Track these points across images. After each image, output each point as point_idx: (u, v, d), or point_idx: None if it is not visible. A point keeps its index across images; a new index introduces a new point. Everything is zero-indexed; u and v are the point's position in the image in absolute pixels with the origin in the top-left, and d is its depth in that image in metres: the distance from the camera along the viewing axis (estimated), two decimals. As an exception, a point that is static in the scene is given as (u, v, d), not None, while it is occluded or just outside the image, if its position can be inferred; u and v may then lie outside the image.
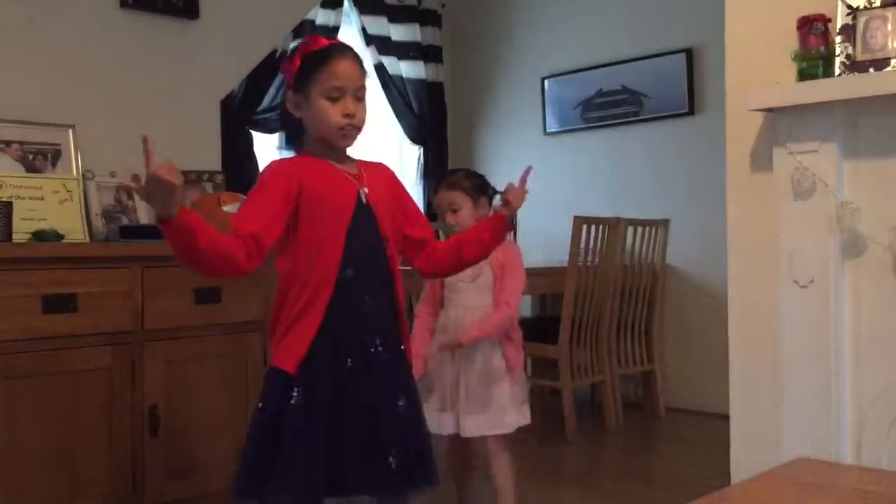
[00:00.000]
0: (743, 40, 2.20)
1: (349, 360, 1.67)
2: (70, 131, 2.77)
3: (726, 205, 2.23)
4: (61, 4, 2.86)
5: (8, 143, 2.64)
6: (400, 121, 5.05)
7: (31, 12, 2.80)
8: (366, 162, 1.82)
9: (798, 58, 2.01)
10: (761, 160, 2.14)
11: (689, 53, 4.39)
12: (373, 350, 1.69)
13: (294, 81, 1.72)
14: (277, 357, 1.69)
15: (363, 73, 1.74)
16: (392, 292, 1.75)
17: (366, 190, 1.73)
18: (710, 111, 4.29)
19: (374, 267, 1.72)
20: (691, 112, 4.40)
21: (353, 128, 1.71)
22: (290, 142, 2.03)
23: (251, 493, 1.65)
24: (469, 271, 2.16)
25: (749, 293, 2.17)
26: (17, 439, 2.21)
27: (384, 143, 5.19)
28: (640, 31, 4.60)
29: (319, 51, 1.70)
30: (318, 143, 1.74)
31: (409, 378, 1.81)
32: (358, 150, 1.81)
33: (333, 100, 1.68)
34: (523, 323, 4.46)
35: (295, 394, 1.64)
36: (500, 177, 5.48)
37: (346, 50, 1.74)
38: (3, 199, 2.41)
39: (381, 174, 1.83)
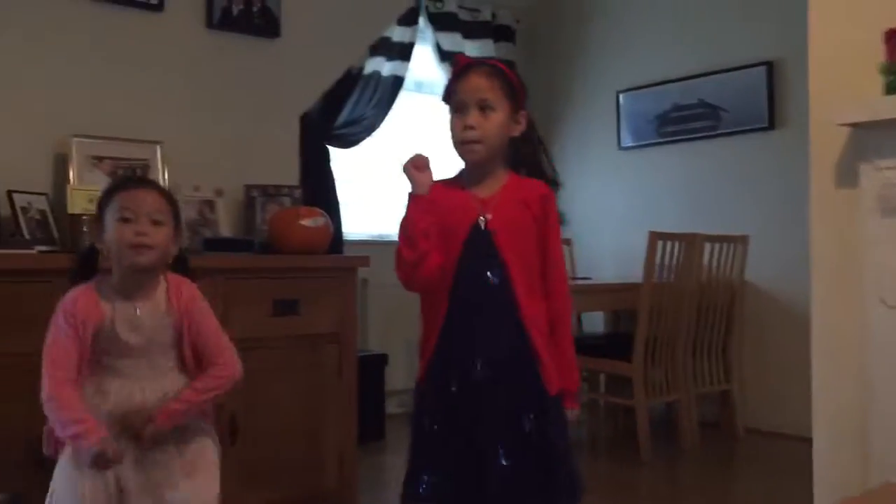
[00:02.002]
0: (827, 53, 2.15)
1: (453, 386, 1.71)
2: (158, 147, 2.87)
3: (809, 222, 2.17)
4: (152, 26, 2.98)
5: (100, 159, 2.76)
6: (473, 135, 5.07)
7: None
8: (517, 181, 1.79)
9: (885, 70, 1.95)
10: (847, 176, 2.08)
11: (769, 66, 4.29)
12: (476, 377, 1.69)
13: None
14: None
15: (496, 84, 1.72)
16: (512, 319, 1.71)
17: (488, 216, 1.73)
18: (791, 125, 4.19)
19: (487, 293, 1.71)
20: (772, 126, 4.31)
21: (473, 141, 1.71)
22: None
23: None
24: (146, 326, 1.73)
25: (834, 314, 2.11)
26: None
27: (457, 156, 5.21)
28: (717, 44, 4.53)
29: (457, 70, 1.77)
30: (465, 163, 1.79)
31: (532, 407, 1.72)
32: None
33: (458, 111, 1.73)
34: (595, 338, 4.45)
35: (420, 401, 1.77)
36: (575, 192, 5.51)
37: (479, 65, 1.77)
38: (94, 213, 2.51)
39: (520, 195, 1.77)
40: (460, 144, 1.73)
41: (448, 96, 1.78)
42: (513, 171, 1.81)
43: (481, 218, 1.73)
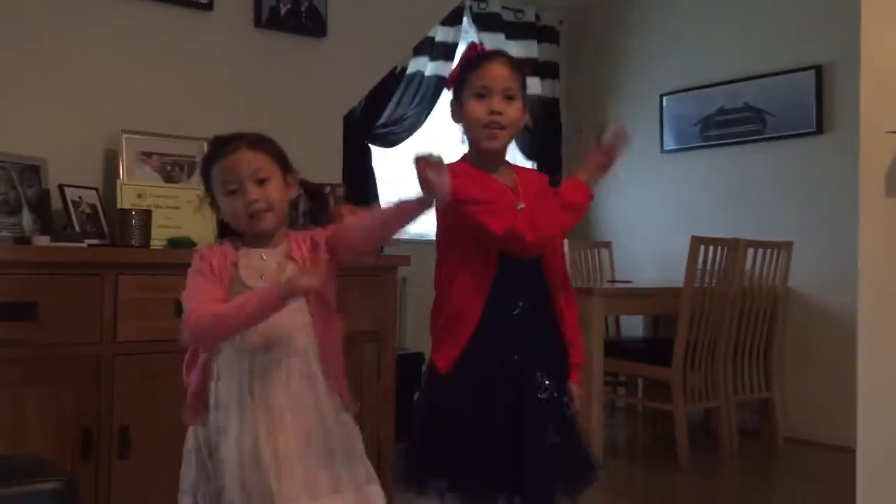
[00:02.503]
0: (880, 58, 2.11)
1: (497, 363, 1.72)
2: (205, 144, 2.90)
3: (858, 230, 2.14)
4: (201, 24, 3.03)
5: (149, 155, 2.81)
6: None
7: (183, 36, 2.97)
8: (522, 169, 1.88)
9: (941, 77, 1.91)
10: (898, 184, 2.04)
11: (818, 70, 4.22)
12: (518, 357, 1.73)
13: (454, 89, 1.82)
14: (434, 353, 1.79)
15: (516, 75, 1.77)
16: (546, 302, 1.79)
17: (522, 205, 1.76)
18: (839, 131, 4.12)
19: (526, 278, 1.76)
20: (819, 131, 4.24)
21: (498, 126, 1.74)
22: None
23: (413, 480, 1.79)
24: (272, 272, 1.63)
25: (882, 323, 2.07)
26: (150, 437, 2.32)
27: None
28: (765, 47, 4.47)
29: (473, 57, 1.80)
30: (474, 149, 1.80)
31: (564, 385, 1.81)
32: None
33: (481, 97, 1.74)
34: (634, 342, 4.41)
35: (448, 392, 1.74)
36: (616, 194, 5.47)
37: (498, 54, 1.83)
38: (143, 208, 2.56)
39: (535, 185, 1.84)
40: (485, 128, 1.74)
41: (460, 82, 1.79)
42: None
43: (518, 206, 1.75)
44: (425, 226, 5.01)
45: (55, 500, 1.40)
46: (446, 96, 5.24)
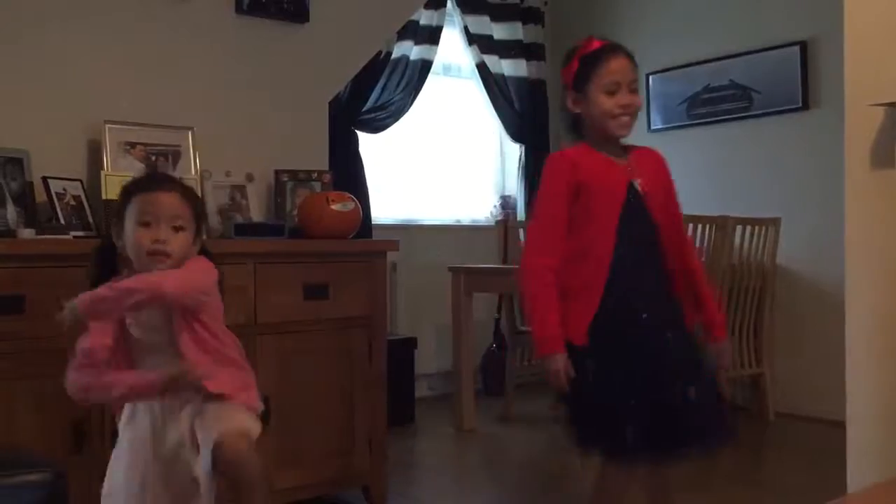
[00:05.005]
0: (863, 31, 2.11)
1: (626, 331, 1.83)
2: (189, 133, 2.89)
3: (844, 204, 2.14)
4: (182, 10, 3.00)
5: (133, 145, 2.79)
6: (501, 119, 5.06)
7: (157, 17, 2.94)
8: (638, 149, 1.98)
9: (924, 49, 1.91)
10: (883, 157, 2.05)
11: (803, 46, 4.22)
12: (642, 324, 1.84)
13: (573, 81, 1.92)
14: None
15: (635, 66, 1.92)
16: (664, 273, 1.91)
17: (639, 180, 1.90)
18: (825, 106, 4.12)
19: (646, 251, 1.88)
20: (805, 107, 4.24)
21: (630, 116, 1.89)
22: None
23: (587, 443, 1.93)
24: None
25: (869, 297, 2.08)
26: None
27: (485, 140, 5.21)
28: (749, 23, 4.46)
29: (595, 51, 1.91)
30: (596, 134, 1.92)
31: (691, 347, 1.92)
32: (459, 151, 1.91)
33: (611, 93, 1.87)
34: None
35: (588, 363, 1.81)
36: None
37: (618, 48, 1.94)
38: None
39: (653, 163, 1.98)
40: (614, 119, 1.87)
41: (583, 75, 1.89)
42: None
43: (634, 182, 1.89)
44: (413, 211, 4.98)
45: (45, 491, 1.40)
46: (432, 81, 5.19)
